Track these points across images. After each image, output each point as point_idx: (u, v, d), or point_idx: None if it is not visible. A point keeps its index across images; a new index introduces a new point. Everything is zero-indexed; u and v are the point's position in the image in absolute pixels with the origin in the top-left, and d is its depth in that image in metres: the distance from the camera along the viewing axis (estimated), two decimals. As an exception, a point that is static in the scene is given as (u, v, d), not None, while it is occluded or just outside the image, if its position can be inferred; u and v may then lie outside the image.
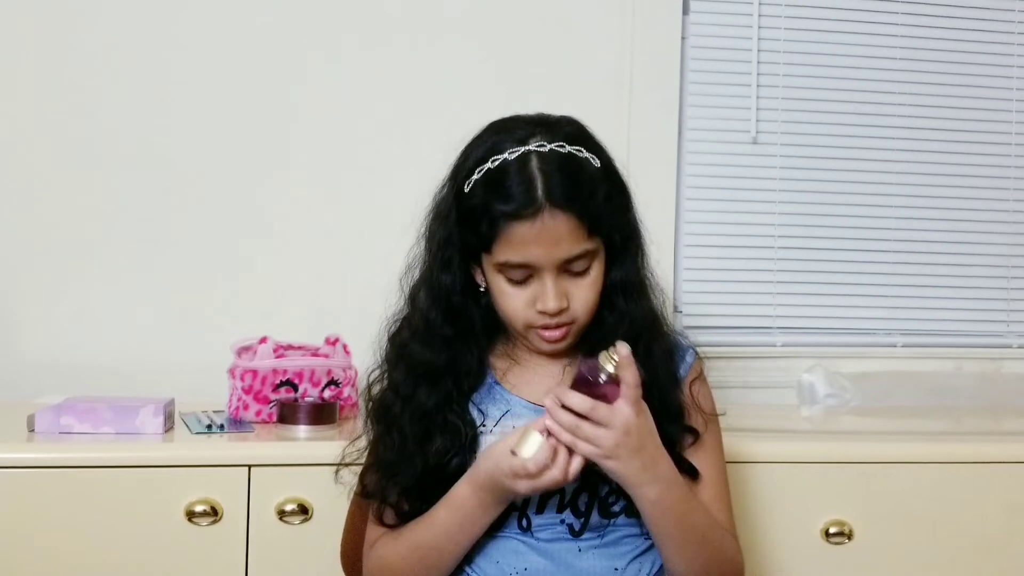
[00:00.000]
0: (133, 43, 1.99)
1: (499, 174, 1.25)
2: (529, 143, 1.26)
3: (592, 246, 1.26)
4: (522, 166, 1.24)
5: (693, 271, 2.19)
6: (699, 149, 2.19)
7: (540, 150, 1.25)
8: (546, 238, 1.23)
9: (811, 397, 2.15)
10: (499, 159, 1.25)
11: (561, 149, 1.26)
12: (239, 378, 1.74)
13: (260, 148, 2.03)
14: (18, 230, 1.97)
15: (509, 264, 1.26)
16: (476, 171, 1.26)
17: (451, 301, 1.31)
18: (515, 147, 1.26)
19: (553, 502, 1.29)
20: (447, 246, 1.30)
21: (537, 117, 1.32)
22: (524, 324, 1.29)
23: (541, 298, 1.26)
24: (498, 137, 1.29)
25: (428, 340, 1.31)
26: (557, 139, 1.27)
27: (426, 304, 1.32)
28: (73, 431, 1.58)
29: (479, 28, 2.09)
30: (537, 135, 1.27)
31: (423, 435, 1.29)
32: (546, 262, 1.25)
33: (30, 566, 1.49)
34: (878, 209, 2.24)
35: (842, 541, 1.63)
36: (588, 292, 1.28)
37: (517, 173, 1.24)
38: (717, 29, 2.19)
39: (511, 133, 1.28)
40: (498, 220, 1.23)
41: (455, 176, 1.31)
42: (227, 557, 1.53)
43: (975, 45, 2.27)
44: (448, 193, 1.31)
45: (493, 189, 1.25)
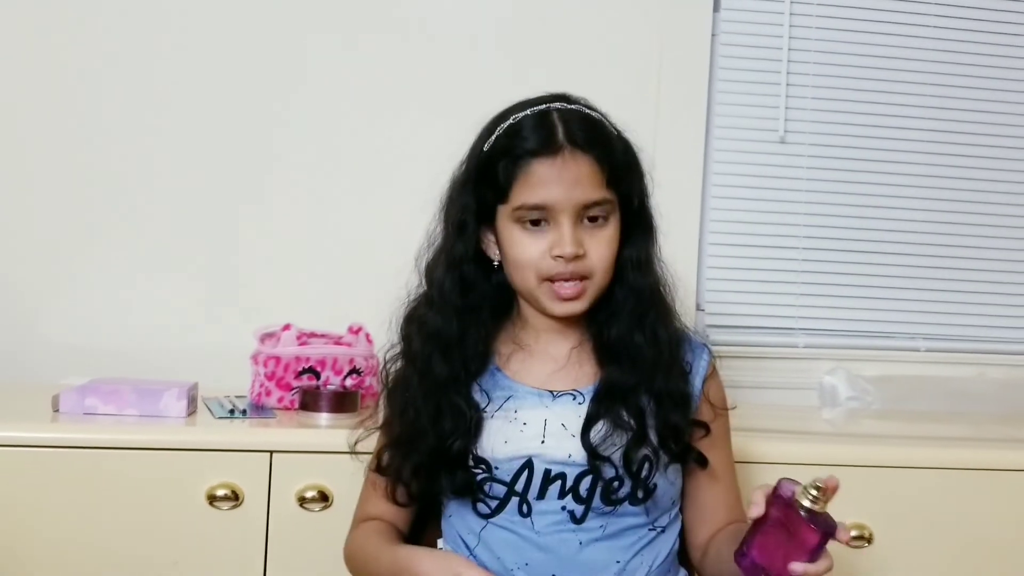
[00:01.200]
0: (153, 23, 2.00)
1: (519, 125, 1.29)
2: (550, 104, 1.30)
3: (610, 196, 1.28)
4: (543, 116, 1.28)
5: (717, 270, 2.18)
6: (726, 147, 2.18)
7: (561, 108, 1.29)
8: (566, 177, 1.25)
9: (832, 399, 2.15)
10: (520, 115, 1.29)
11: (581, 110, 1.30)
12: (262, 364, 1.74)
13: (284, 137, 2.03)
14: (45, 214, 1.98)
15: (526, 206, 1.26)
16: (497, 130, 1.30)
17: (463, 270, 1.33)
18: (535, 107, 1.30)
19: (555, 488, 1.28)
20: (463, 211, 1.32)
21: (557, 94, 1.35)
22: (538, 276, 1.28)
23: (558, 243, 1.26)
24: (516, 106, 1.32)
25: (443, 309, 1.33)
26: (577, 105, 1.31)
27: (441, 274, 1.33)
28: (97, 412, 1.59)
29: (506, 24, 2.09)
30: (557, 101, 1.31)
31: (435, 412, 1.30)
32: (565, 204, 1.25)
33: (52, 544, 1.51)
34: (904, 212, 2.23)
35: (862, 545, 1.62)
36: (604, 246, 1.29)
37: (538, 120, 1.28)
38: (747, 27, 2.18)
39: (529, 103, 1.31)
40: (518, 159, 1.26)
41: (474, 148, 1.34)
42: (247, 542, 1.54)
43: (1007, 49, 2.25)
44: (467, 163, 1.35)
45: (514, 135, 1.28)
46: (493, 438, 1.30)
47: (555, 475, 1.28)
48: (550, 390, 1.32)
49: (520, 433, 1.30)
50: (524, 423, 1.30)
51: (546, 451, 1.29)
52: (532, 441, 1.29)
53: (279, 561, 1.55)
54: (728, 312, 2.16)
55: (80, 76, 1.98)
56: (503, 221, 1.30)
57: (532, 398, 1.32)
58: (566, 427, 1.29)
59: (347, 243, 2.04)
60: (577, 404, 1.31)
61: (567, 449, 1.28)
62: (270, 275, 2.02)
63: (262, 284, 2.02)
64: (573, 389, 1.32)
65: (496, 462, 1.29)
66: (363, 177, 2.06)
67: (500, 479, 1.29)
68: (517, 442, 1.29)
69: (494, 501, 1.30)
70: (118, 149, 2.00)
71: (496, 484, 1.29)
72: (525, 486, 1.29)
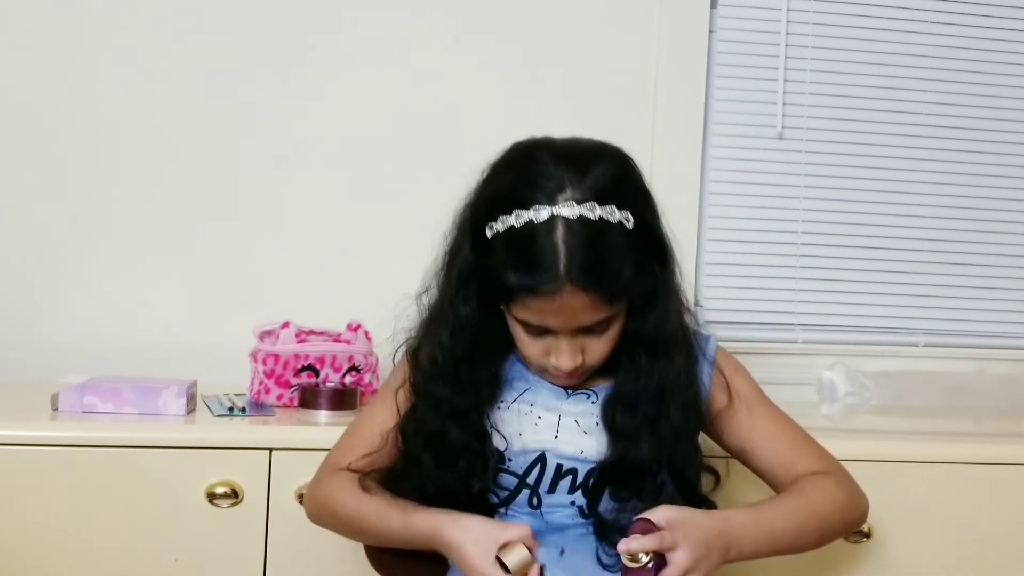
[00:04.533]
0: (154, 21, 2.00)
1: (522, 239, 1.20)
2: (558, 200, 1.19)
3: (613, 312, 1.25)
4: (547, 233, 1.19)
5: (715, 266, 2.18)
6: (724, 143, 2.18)
7: (568, 216, 1.19)
8: (565, 311, 1.21)
9: (831, 395, 2.15)
10: (524, 219, 1.20)
11: (591, 214, 1.19)
12: (261, 362, 1.75)
13: (284, 135, 2.03)
14: (43, 212, 1.98)
15: (526, 323, 1.25)
16: (500, 220, 1.22)
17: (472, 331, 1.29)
18: (542, 204, 1.19)
19: (565, 483, 1.29)
20: (467, 283, 1.28)
21: (568, 151, 1.25)
22: (538, 367, 1.30)
23: (556, 355, 1.26)
24: (525, 181, 1.22)
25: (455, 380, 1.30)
26: (588, 194, 1.20)
27: (448, 340, 1.29)
28: (96, 411, 1.59)
29: (504, 21, 2.09)
30: (567, 188, 1.20)
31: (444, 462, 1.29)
32: (563, 329, 1.24)
33: (52, 543, 1.51)
34: (903, 207, 2.23)
35: (860, 540, 1.62)
36: (604, 346, 1.28)
37: (541, 242, 1.19)
38: (745, 23, 2.18)
39: (539, 180, 1.21)
40: (517, 290, 1.21)
41: (476, 209, 1.27)
42: (247, 539, 1.54)
43: (1006, 44, 2.25)
44: (469, 225, 1.28)
45: (514, 255, 1.20)
46: (509, 429, 1.31)
47: (567, 470, 1.30)
48: (565, 387, 1.33)
49: (535, 426, 1.31)
50: (539, 416, 1.32)
51: (559, 446, 1.30)
52: (546, 434, 1.31)
53: (279, 558, 1.55)
54: (726, 308, 2.16)
55: (79, 74, 1.98)
56: (505, 309, 1.27)
57: (547, 392, 1.33)
58: (579, 424, 1.31)
59: (346, 241, 2.04)
60: (591, 403, 1.32)
61: (579, 445, 1.30)
62: (269, 273, 2.02)
63: (261, 282, 2.01)
64: (587, 388, 1.33)
65: (510, 453, 1.30)
66: (362, 175, 2.05)
67: (513, 471, 1.30)
68: (532, 434, 1.31)
69: (504, 492, 1.31)
70: (117, 147, 1.99)
71: (508, 475, 1.30)
72: (537, 480, 1.30)
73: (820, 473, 1.35)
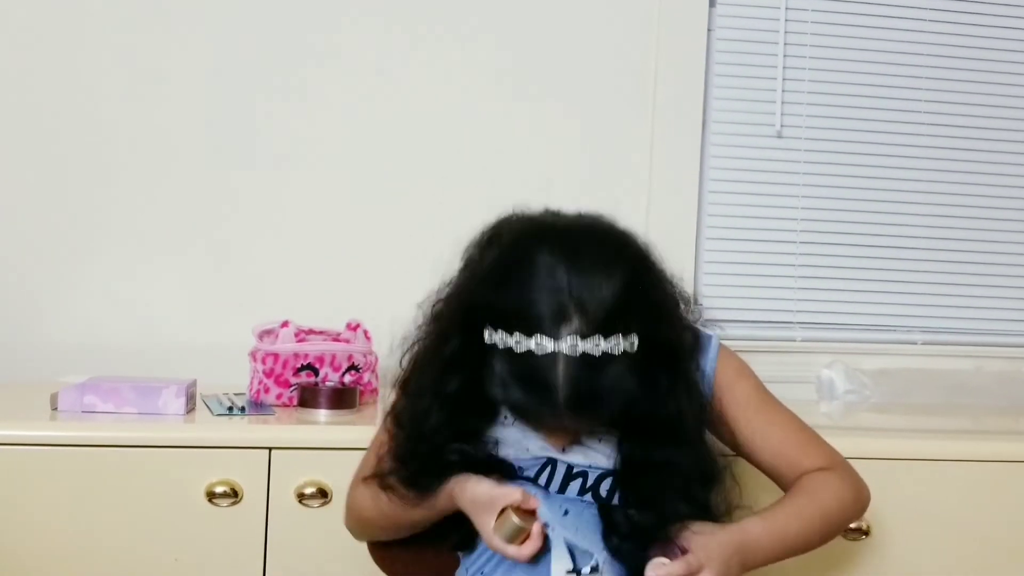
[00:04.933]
0: (154, 20, 2.00)
1: (521, 365, 1.15)
2: (561, 334, 1.13)
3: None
4: (548, 367, 1.14)
5: (714, 264, 2.19)
6: (723, 142, 2.18)
7: (570, 354, 1.13)
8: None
9: (830, 393, 2.15)
10: (525, 347, 1.14)
11: (594, 351, 1.13)
12: (260, 361, 1.75)
13: (283, 135, 2.03)
14: (43, 211, 1.98)
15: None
16: (499, 333, 1.16)
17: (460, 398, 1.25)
18: (545, 337, 1.13)
19: (576, 484, 1.30)
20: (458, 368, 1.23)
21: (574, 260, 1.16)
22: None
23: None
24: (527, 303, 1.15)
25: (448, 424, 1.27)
26: (592, 327, 1.13)
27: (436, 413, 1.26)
28: (96, 410, 1.59)
29: (503, 21, 2.09)
30: (572, 319, 1.13)
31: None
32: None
33: (51, 542, 1.51)
34: (901, 206, 2.23)
35: (859, 537, 1.62)
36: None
37: (542, 374, 1.14)
38: (743, 22, 2.18)
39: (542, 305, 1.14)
40: (511, 408, 1.22)
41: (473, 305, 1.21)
42: (246, 538, 1.54)
43: (1003, 42, 2.25)
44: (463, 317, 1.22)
45: (512, 376, 1.16)
46: (515, 447, 1.30)
47: (577, 472, 1.29)
48: None
49: (540, 440, 1.30)
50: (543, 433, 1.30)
51: (566, 456, 1.30)
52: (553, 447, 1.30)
53: (278, 558, 1.55)
54: (725, 306, 2.16)
55: (79, 75, 1.98)
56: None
57: None
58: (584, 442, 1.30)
59: (345, 240, 2.04)
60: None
61: (588, 456, 1.29)
62: (268, 272, 2.02)
63: (260, 281, 2.02)
64: None
65: (520, 462, 1.30)
66: (362, 175, 2.06)
67: (525, 476, 1.30)
68: (538, 446, 1.30)
69: None
70: (117, 147, 1.99)
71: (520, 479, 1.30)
72: (548, 480, 1.30)
73: (824, 469, 1.35)
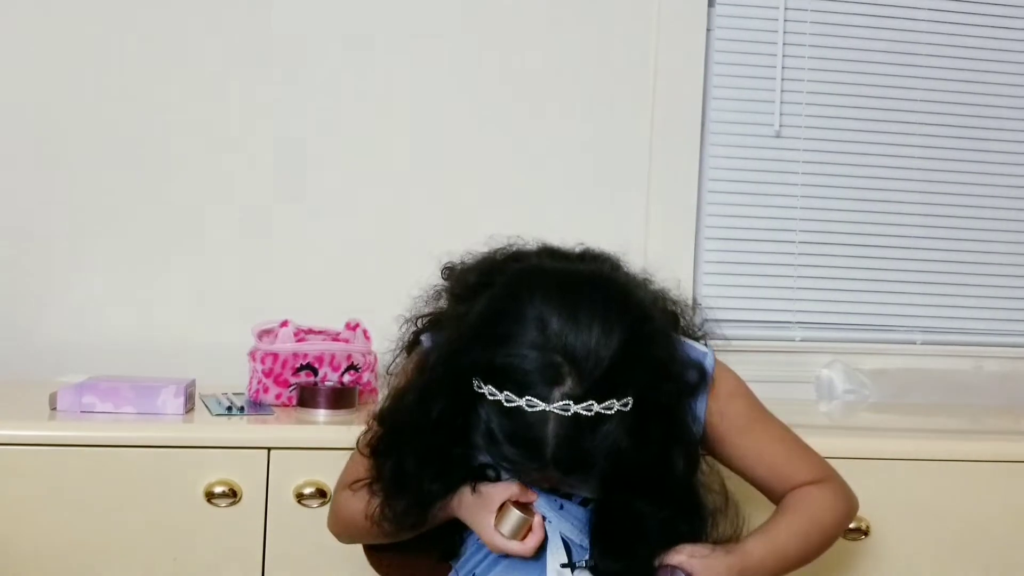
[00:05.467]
0: (155, 20, 2.00)
1: (511, 423, 1.12)
2: (554, 396, 1.10)
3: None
4: (539, 424, 1.11)
5: (713, 264, 2.19)
6: (722, 142, 2.18)
7: (562, 414, 1.10)
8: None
9: (829, 392, 2.15)
10: (516, 405, 1.10)
11: (587, 413, 1.10)
12: (260, 361, 1.75)
13: (284, 135, 2.03)
14: (42, 210, 1.98)
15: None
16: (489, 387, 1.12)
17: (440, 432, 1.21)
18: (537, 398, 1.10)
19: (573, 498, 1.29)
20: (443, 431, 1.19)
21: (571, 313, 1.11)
22: None
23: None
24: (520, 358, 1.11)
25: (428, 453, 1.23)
26: (586, 390, 1.10)
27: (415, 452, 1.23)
28: (95, 410, 1.59)
29: (503, 21, 2.09)
30: (565, 381, 1.10)
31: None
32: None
33: (50, 542, 1.51)
34: (900, 206, 2.24)
35: (858, 537, 1.62)
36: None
37: (532, 432, 1.11)
38: (742, 22, 2.18)
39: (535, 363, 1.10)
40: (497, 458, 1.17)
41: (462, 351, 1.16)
42: (245, 538, 1.54)
43: (1002, 42, 2.25)
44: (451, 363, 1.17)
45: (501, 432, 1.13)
46: None
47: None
48: None
49: None
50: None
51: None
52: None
53: (277, 557, 1.55)
54: (725, 306, 2.16)
55: (80, 75, 1.98)
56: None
57: None
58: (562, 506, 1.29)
59: (345, 240, 2.04)
60: None
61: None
62: (267, 272, 2.02)
63: (259, 281, 2.02)
64: None
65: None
66: (361, 174, 2.05)
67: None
68: None
69: None
70: (116, 148, 1.99)
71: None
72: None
73: (816, 483, 1.35)
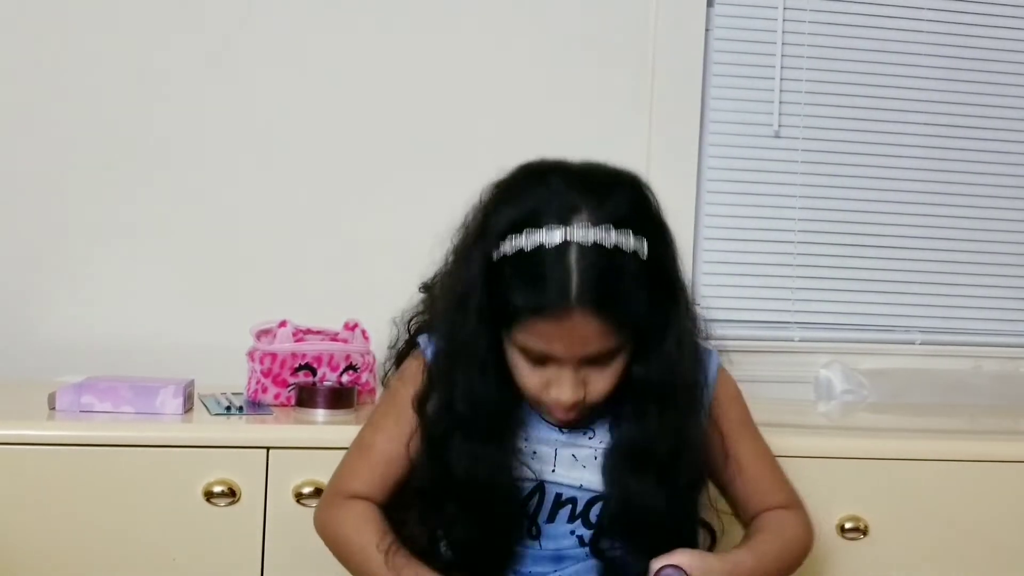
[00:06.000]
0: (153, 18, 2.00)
1: (532, 262, 1.16)
2: (572, 222, 1.15)
3: (620, 342, 1.20)
4: (559, 258, 1.15)
5: (712, 264, 2.19)
6: (721, 142, 2.18)
7: (582, 241, 1.15)
8: (572, 337, 1.17)
9: (828, 392, 2.15)
10: (535, 240, 1.16)
11: (606, 240, 1.15)
12: (258, 361, 1.75)
13: (282, 133, 2.03)
14: (40, 211, 1.98)
15: (527, 350, 1.20)
16: (509, 238, 1.17)
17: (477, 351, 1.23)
18: (555, 225, 1.15)
19: (564, 512, 1.28)
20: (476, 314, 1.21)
21: (584, 175, 1.21)
22: (535, 399, 1.25)
23: (556, 387, 1.21)
24: (538, 198, 1.18)
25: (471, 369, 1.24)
26: (603, 218, 1.16)
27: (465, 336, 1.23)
28: (93, 410, 1.59)
29: (502, 20, 2.09)
30: (582, 209, 1.16)
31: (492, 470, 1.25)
32: (567, 357, 1.19)
33: (48, 542, 1.50)
34: (899, 205, 2.24)
35: (857, 537, 1.62)
36: (607, 381, 1.22)
37: (552, 266, 1.15)
38: (741, 21, 2.18)
39: (553, 199, 1.18)
40: (522, 312, 1.16)
41: (483, 233, 1.21)
42: (244, 538, 1.53)
43: (1002, 42, 2.26)
44: (473, 251, 1.22)
45: (523, 277, 1.16)
46: None
47: (566, 499, 1.28)
48: (560, 426, 1.29)
49: (531, 459, 1.28)
50: (535, 451, 1.29)
51: (556, 478, 1.28)
52: (544, 466, 1.28)
53: (276, 557, 1.55)
54: (723, 306, 2.16)
55: (77, 74, 1.98)
56: (506, 338, 1.22)
57: (543, 427, 1.30)
58: (576, 458, 1.29)
59: (344, 239, 2.04)
60: (588, 439, 1.30)
61: (578, 478, 1.28)
62: (266, 272, 2.02)
63: (258, 281, 2.02)
64: (585, 427, 1.30)
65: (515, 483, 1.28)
66: (359, 174, 2.05)
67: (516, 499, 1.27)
68: (528, 466, 1.28)
69: None
70: (114, 146, 1.99)
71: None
72: (536, 509, 1.28)
73: (786, 508, 1.36)
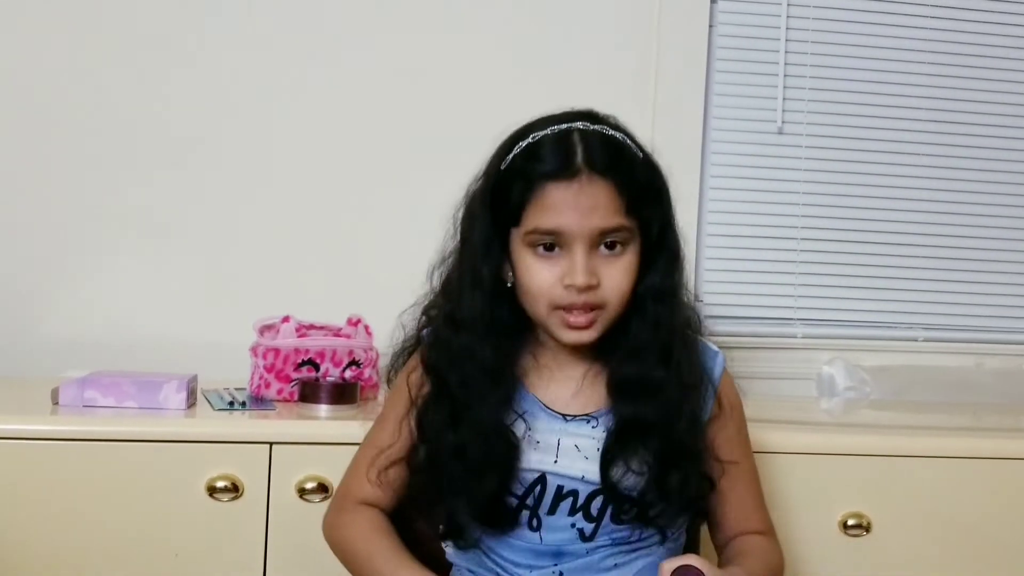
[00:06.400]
0: (154, 19, 2.00)
1: (538, 145, 1.24)
2: (573, 124, 1.25)
3: (628, 223, 1.23)
4: (563, 137, 1.23)
5: (715, 260, 2.19)
6: (724, 138, 2.18)
7: (583, 128, 1.24)
8: (582, 203, 1.20)
9: (831, 389, 2.15)
10: (539, 134, 1.25)
11: (604, 131, 1.25)
12: (261, 356, 1.75)
13: (283, 129, 2.03)
14: (44, 207, 1.98)
15: (539, 231, 1.22)
16: (515, 148, 1.25)
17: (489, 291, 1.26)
18: (557, 125, 1.25)
19: (566, 504, 1.28)
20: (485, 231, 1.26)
21: (583, 111, 1.29)
22: (549, 304, 1.23)
23: (570, 272, 1.21)
24: (538, 122, 1.27)
25: (472, 331, 1.26)
26: (601, 125, 1.26)
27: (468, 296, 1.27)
28: (97, 405, 1.59)
29: (503, 14, 2.09)
30: (579, 121, 1.26)
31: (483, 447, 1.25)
32: (578, 231, 1.20)
33: (52, 536, 1.51)
34: (902, 202, 2.24)
35: (860, 533, 1.63)
36: (620, 275, 1.23)
37: (557, 142, 1.23)
38: (745, 18, 2.18)
39: (552, 120, 1.27)
40: (533, 181, 1.21)
41: (491, 164, 1.29)
42: (247, 533, 1.54)
43: (1004, 39, 2.25)
44: (483, 179, 1.29)
45: (531, 155, 1.23)
46: None
47: (567, 492, 1.27)
48: (563, 414, 1.29)
49: (534, 450, 1.28)
50: (538, 441, 1.28)
51: (559, 469, 1.28)
52: (546, 457, 1.28)
53: (279, 552, 1.55)
54: (726, 303, 2.17)
55: (79, 73, 1.98)
56: (516, 245, 1.25)
57: (546, 417, 1.29)
58: (579, 448, 1.28)
59: (346, 235, 2.04)
60: (591, 428, 1.29)
61: (580, 469, 1.27)
62: (269, 267, 2.02)
63: (261, 276, 2.02)
64: (587, 413, 1.29)
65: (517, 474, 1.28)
66: (362, 170, 2.06)
67: (512, 492, 1.27)
68: (530, 456, 1.27)
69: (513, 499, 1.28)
70: (117, 143, 1.99)
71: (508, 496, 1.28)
72: (536, 501, 1.28)
73: (763, 534, 1.35)
